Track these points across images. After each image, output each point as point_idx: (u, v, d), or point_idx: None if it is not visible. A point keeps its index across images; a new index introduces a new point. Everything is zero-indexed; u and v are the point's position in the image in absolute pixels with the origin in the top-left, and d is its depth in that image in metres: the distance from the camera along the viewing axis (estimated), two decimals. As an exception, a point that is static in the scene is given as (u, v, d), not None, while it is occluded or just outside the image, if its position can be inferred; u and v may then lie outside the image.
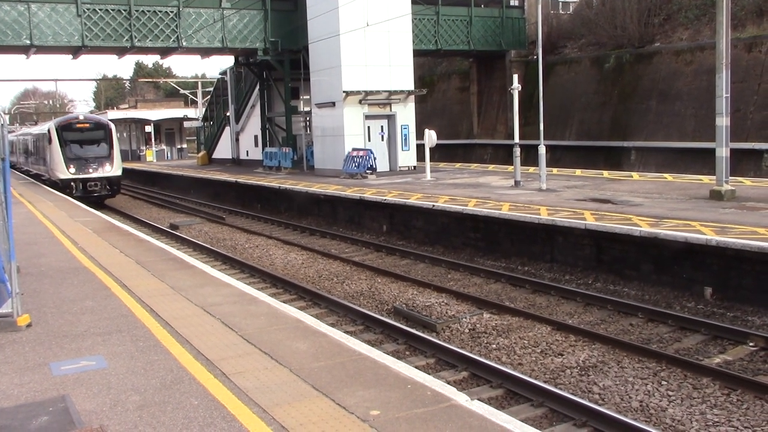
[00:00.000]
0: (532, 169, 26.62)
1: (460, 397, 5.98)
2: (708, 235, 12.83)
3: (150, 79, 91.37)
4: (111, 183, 31.91)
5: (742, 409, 8.32)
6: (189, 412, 5.79)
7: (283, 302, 10.31)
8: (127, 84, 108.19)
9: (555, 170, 28.42)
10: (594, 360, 10.07)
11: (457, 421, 5.46)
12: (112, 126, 32.74)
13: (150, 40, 30.38)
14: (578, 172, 27.54)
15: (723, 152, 17.38)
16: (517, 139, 23.67)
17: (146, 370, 6.87)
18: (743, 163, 25.83)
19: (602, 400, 8.75)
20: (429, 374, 7.82)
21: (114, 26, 29.61)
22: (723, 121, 17.22)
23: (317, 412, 5.72)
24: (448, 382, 8.02)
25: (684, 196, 18.68)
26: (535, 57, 35.53)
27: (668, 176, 24.40)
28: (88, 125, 32.00)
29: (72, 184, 30.94)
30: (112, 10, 29.50)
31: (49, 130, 32.20)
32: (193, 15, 31.15)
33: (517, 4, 39.08)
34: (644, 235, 13.70)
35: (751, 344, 10.49)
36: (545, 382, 9.21)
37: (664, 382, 9.17)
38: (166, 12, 30.49)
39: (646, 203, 17.61)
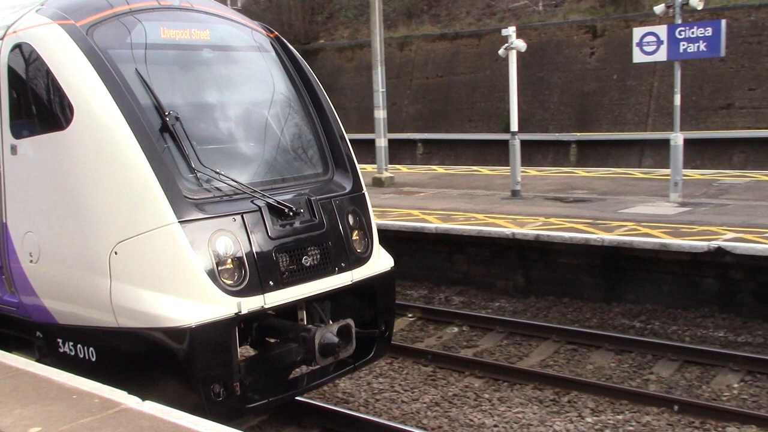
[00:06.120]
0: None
1: (131, 401, 5.78)
2: (371, 219, 13.85)
3: None
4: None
5: (402, 375, 9.18)
6: None
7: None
8: None
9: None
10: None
11: (127, 425, 5.27)
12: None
13: None
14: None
15: (382, 142, 18.91)
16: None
17: None
18: (401, 152, 28.27)
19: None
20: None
21: None
22: (381, 114, 18.73)
23: (-35, 439, 5.15)
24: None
25: (351, 184, 19.90)
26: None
27: (337, 166, 25.79)
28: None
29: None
30: None
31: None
32: None
33: (184, -4, 38.33)
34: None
35: (410, 315, 11.61)
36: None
37: (335, 360, 9.76)
38: None
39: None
